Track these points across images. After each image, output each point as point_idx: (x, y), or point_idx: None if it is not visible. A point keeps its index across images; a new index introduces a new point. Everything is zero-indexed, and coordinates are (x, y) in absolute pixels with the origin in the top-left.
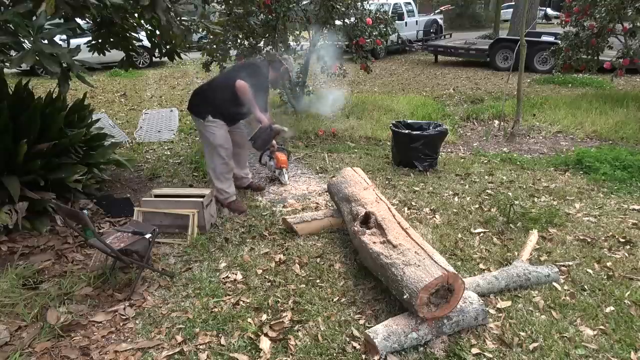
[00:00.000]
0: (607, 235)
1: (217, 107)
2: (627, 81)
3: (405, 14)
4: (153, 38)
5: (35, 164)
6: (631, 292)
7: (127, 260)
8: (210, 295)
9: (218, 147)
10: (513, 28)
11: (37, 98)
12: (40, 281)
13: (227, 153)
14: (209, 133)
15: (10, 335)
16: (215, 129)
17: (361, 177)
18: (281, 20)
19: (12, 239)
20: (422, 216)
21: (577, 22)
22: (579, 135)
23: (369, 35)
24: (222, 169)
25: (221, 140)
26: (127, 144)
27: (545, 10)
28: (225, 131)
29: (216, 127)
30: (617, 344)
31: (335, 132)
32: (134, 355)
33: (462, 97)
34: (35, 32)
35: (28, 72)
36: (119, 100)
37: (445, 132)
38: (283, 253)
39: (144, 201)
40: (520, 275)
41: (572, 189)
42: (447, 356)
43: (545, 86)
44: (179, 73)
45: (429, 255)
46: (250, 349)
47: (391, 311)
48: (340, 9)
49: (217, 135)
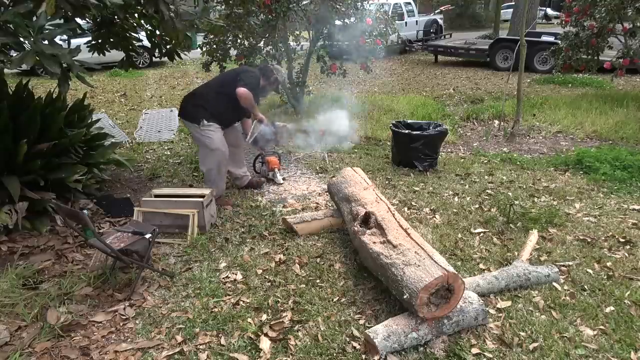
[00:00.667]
0: (607, 235)
1: (213, 113)
2: (627, 81)
3: (405, 14)
4: (153, 38)
5: (35, 164)
6: (631, 292)
7: (127, 260)
8: (210, 295)
9: (215, 151)
10: (513, 28)
11: (37, 98)
12: (40, 281)
13: (223, 156)
14: (205, 137)
15: (10, 335)
16: (212, 133)
17: (361, 177)
18: (281, 20)
19: (12, 239)
20: (422, 216)
21: (577, 22)
22: (579, 135)
23: (369, 35)
24: (216, 172)
25: (218, 144)
26: (127, 144)
27: (545, 10)
28: (222, 134)
29: (212, 131)
30: (617, 344)
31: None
32: (134, 355)
33: (462, 97)
34: (35, 33)
35: (28, 72)
36: (119, 100)
37: (445, 132)
38: (283, 253)
39: (144, 201)
40: (520, 275)
41: (572, 189)
42: (447, 356)
43: (545, 86)
44: (179, 73)
45: (429, 255)
46: (250, 349)
47: (391, 311)
48: (340, 9)
49: (214, 139)
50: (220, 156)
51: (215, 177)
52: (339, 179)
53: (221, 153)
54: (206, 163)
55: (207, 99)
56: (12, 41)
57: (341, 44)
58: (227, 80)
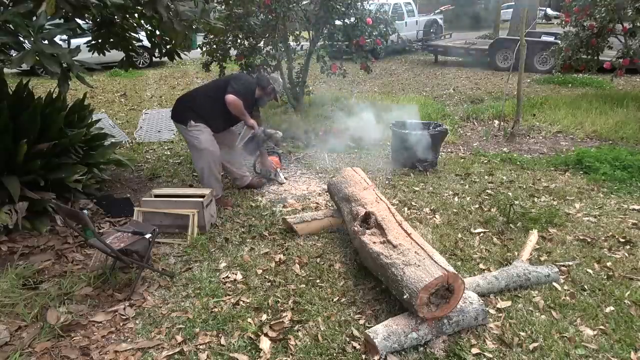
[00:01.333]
0: (607, 235)
1: (199, 114)
2: (627, 81)
3: (405, 14)
4: (153, 38)
5: (35, 164)
6: (631, 292)
7: (127, 260)
8: (210, 295)
9: (203, 151)
10: (513, 28)
11: (37, 98)
12: (40, 281)
13: (212, 156)
14: (193, 138)
15: (10, 335)
16: (199, 133)
17: (361, 177)
18: (281, 20)
19: (12, 239)
20: (422, 216)
21: (577, 22)
22: (579, 135)
23: (369, 35)
24: (207, 172)
25: (205, 144)
26: (127, 144)
27: (545, 10)
28: (210, 135)
29: (200, 131)
30: (617, 344)
31: (336, 132)
32: (134, 355)
33: (462, 97)
34: (35, 32)
35: (28, 72)
36: (119, 100)
37: (445, 132)
38: (283, 253)
39: (144, 201)
40: (520, 275)
41: (572, 189)
42: (447, 356)
43: (545, 86)
44: (179, 73)
45: (429, 255)
46: (250, 349)
47: (391, 311)
48: (340, 9)
49: (201, 139)
50: (209, 156)
51: (208, 177)
52: (339, 179)
53: (209, 153)
54: (198, 163)
55: (195, 101)
56: (12, 41)
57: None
58: (219, 85)
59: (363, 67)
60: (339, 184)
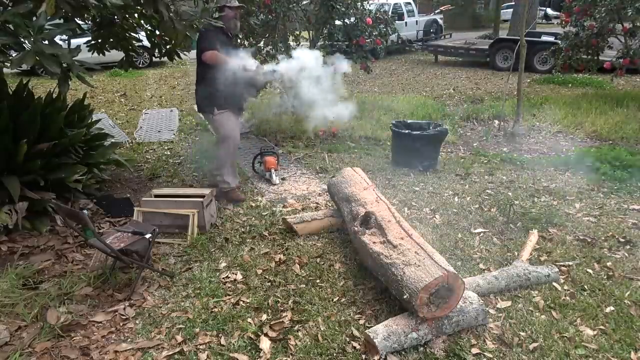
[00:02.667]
0: (607, 235)
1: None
2: (627, 81)
3: (405, 14)
4: (153, 38)
5: (35, 164)
6: (631, 292)
7: (127, 260)
8: (210, 295)
9: (227, 139)
10: (513, 28)
11: (37, 98)
12: (40, 281)
13: (234, 144)
14: (218, 124)
15: (10, 335)
16: (224, 121)
17: (361, 177)
18: (281, 20)
19: (12, 239)
20: (422, 216)
21: (577, 22)
22: (579, 135)
23: (369, 35)
24: (230, 161)
25: (229, 131)
26: (127, 144)
27: (545, 10)
28: (234, 122)
29: (224, 118)
30: (617, 344)
31: (336, 132)
32: (134, 355)
33: (462, 97)
34: (35, 33)
35: (28, 72)
36: (119, 100)
37: (445, 132)
38: (283, 253)
39: (144, 201)
40: (520, 275)
41: (572, 189)
42: (447, 356)
43: (545, 86)
44: (179, 73)
45: (429, 255)
46: (250, 349)
47: (391, 311)
48: (340, 9)
49: (225, 127)
50: (231, 144)
51: (227, 167)
52: (339, 179)
53: (232, 140)
54: (220, 151)
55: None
56: (12, 41)
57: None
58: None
59: (363, 67)
60: (339, 184)
